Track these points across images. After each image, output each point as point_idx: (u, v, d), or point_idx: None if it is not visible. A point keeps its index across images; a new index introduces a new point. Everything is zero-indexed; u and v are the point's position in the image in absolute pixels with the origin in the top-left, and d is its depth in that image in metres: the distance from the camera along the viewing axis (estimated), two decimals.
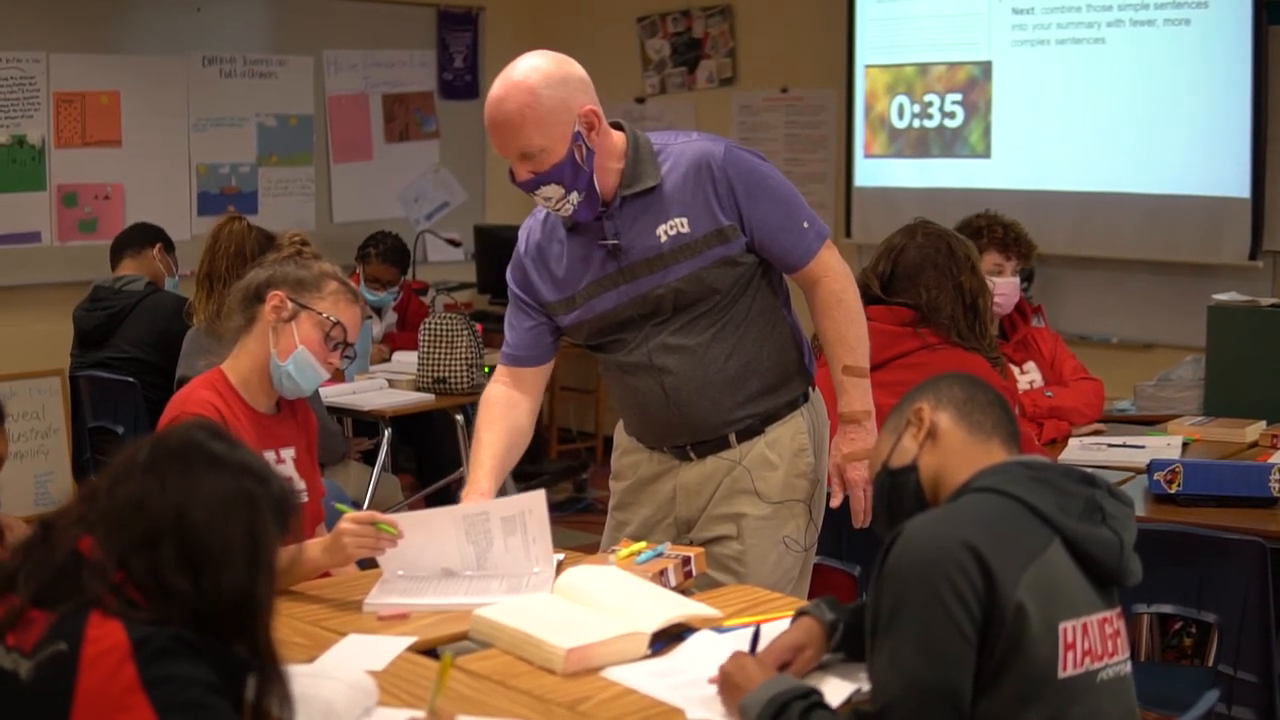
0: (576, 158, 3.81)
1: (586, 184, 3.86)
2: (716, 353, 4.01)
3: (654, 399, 4.07)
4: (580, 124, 3.81)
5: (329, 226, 9.99)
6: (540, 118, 3.76)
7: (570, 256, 4.06)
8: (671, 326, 4.01)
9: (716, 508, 4.12)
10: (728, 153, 3.96)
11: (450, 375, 7.15)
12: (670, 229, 3.94)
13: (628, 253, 3.97)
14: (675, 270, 3.95)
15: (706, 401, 4.04)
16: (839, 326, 4.04)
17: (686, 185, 3.94)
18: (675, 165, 3.96)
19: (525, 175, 3.85)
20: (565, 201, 3.88)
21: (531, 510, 3.76)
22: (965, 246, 4.82)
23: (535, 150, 3.79)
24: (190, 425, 2.60)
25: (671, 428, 4.11)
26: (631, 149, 3.96)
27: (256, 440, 4.05)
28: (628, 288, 3.99)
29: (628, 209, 3.96)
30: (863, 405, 4.02)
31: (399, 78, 10.49)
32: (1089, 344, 8.44)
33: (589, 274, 4.03)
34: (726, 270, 3.96)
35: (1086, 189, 8.41)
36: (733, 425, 4.08)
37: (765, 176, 4.00)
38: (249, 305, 4.12)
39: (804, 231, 4.00)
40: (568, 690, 3.03)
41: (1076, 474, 2.90)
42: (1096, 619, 2.76)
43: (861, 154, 9.35)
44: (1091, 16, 8.24)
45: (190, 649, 2.39)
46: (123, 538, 2.44)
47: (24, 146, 8.78)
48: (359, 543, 3.69)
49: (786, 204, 4.00)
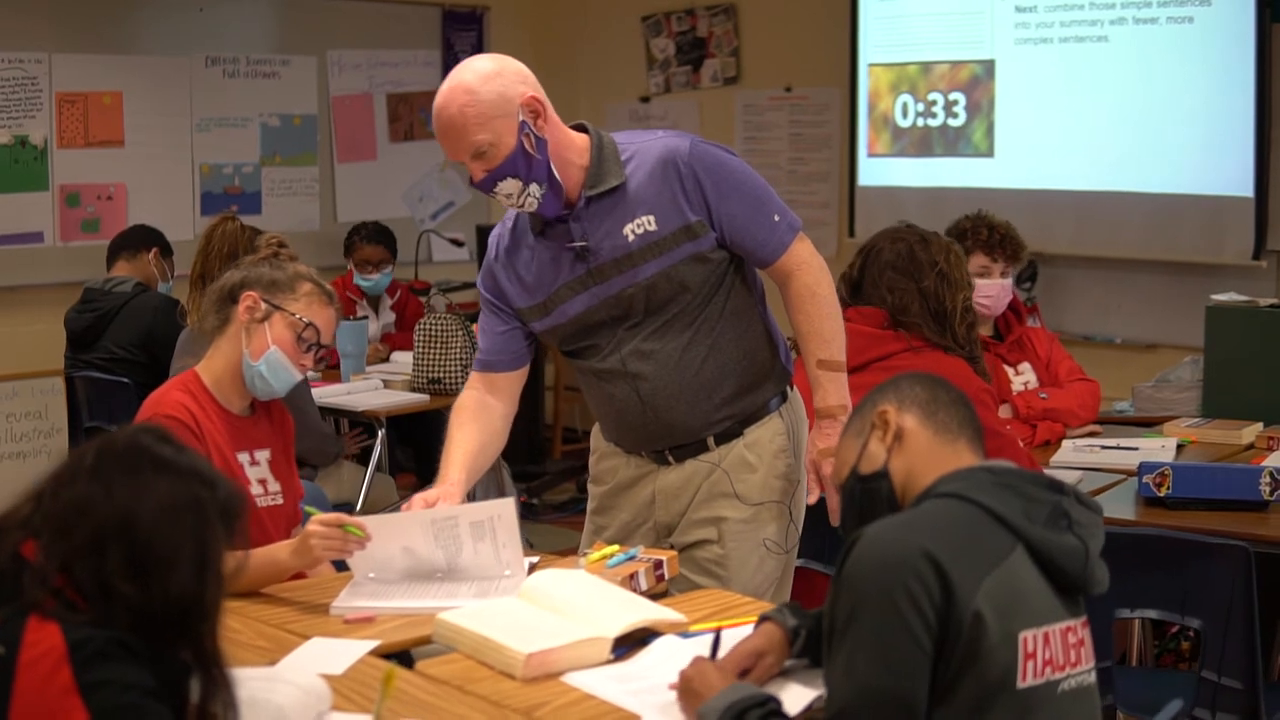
0: (526, 147, 3.80)
1: (545, 175, 3.85)
2: (691, 356, 3.98)
3: (630, 405, 4.04)
4: (524, 113, 3.80)
5: (333, 226, 9.95)
6: (481, 113, 3.76)
7: (539, 261, 4.03)
8: (644, 331, 3.98)
9: (696, 511, 4.09)
10: (693, 148, 3.94)
11: (445, 376, 7.12)
12: (638, 227, 3.91)
13: (596, 254, 3.94)
14: (645, 269, 3.92)
15: (683, 406, 4.01)
16: (813, 320, 3.99)
17: (653, 183, 3.92)
18: (641, 163, 3.95)
19: (480, 174, 3.84)
20: (526, 195, 3.85)
21: (500, 516, 3.74)
22: (934, 250, 4.76)
23: (484, 146, 3.79)
24: (137, 429, 2.58)
25: (649, 433, 4.08)
26: (595, 149, 3.95)
27: (230, 442, 4.04)
28: (598, 289, 3.96)
29: (594, 209, 3.93)
30: (839, 400, 3.97)
31: (403, 77, 10.45)
32: (1092, 344, 8.40)
33: (559, 278, 4.00)
34: (697, 267, 3.93)
35: (1089, 188, 8.35)
36: (711, 428, 4.05)
37: (733, 171, 3.97)
38: (223, 306, 4.11)
39: (775, 225, 3.97)
40: (526, 696, 3.00)
41: (1043, 480, 2.85)
42: (1059, 628, 2.72)
43: (865, 153, 9.30)
44: (1094, 15, 8.18)
45: (129, 652, 2.36)
46: (66, 542, 2.42)
47: (26, 147, 8.76)
48: (326, 545, 3.67)
49: (756, 197, 3.97)
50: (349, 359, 7.37)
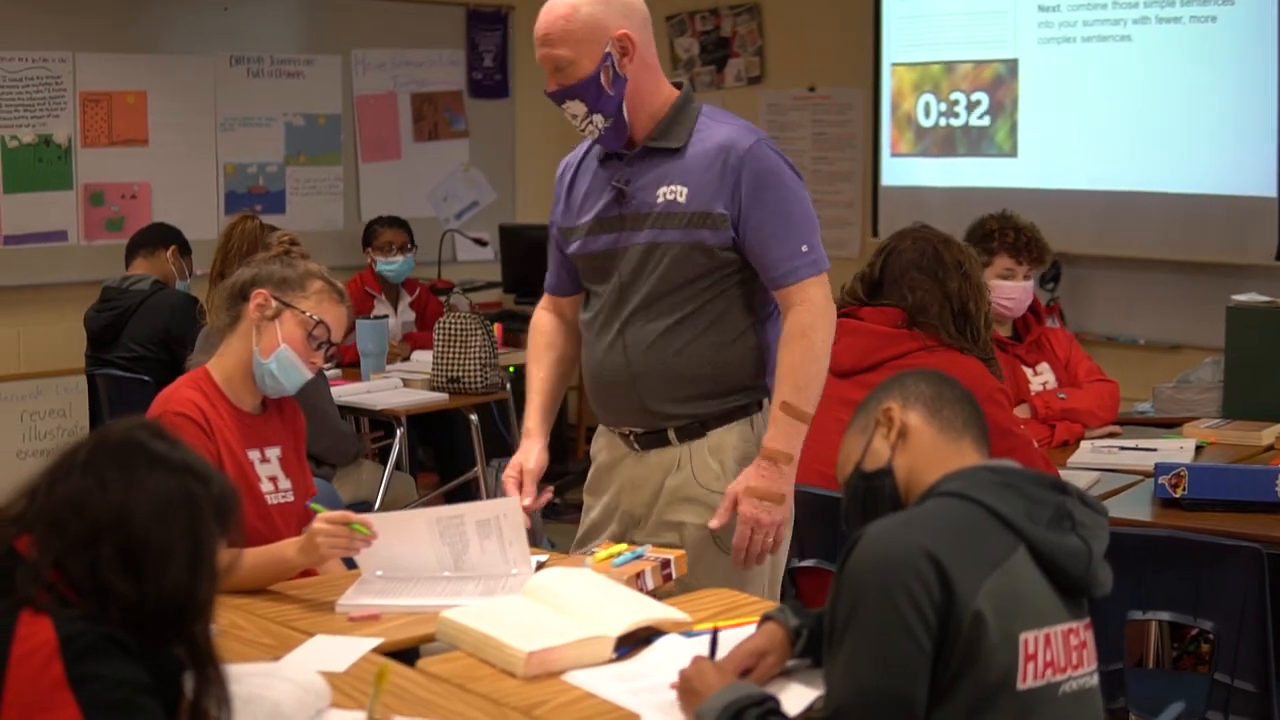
0: (602, 78, 3.91)
1: (614, 110, 3.95)
2: (670, 341, 3.99)
3: (610, 364, 4.09)
4: (613, 46, 3.91)
5: (357, 226, 9.92)
6: (570, 30, 3.89)
7: (590, 186, 4.15)
8: (638, 296, 4.02)
9: (662, 514, 4.08)
10: (755, 146, 3.96)
11: (464, 375, 7.12)
12: (669, 193, 3.98)
13: (628, 201, 4.02)
14: (657, 235, 3.98)
15: (649, 384, 4.03)
16: (793, 360, 3.92)
17: (703, 161, 3.96)
18: (704, 139, 3.99)
19: (553, 86, 3.97)
20: (589, 122, 3.98)
21: (506, 515, 3.76)
22: (957, 251, 4.74)
23: (563, 62, 3.92)
24: (131, 424, 2.57)
25: (618, 403, 4.11)
26: (675, 108, 4.04)
27: (241, 439, 4.04)
28: (620, 236, 4.04)
29: (646, 160, 4.03)
30: (786, 447, 3.90)
31: (428, 77, 10.45)
32: (1115, 345, 8.38)
33: (595, 209, 4.10)
34: (700, 257, 3.95)
35: (1113, 188, 8.31)
36: (670, 420, 4.05)
37: (781, 183, 3.96)
38: (234, 304, 4.10)
39: (797, 253, 3.93)
40: (526, 694, 2.99)
41: (1047, 480, 2.84)
42: (1061, 630, 2.70)
43: (888, 153, 9.28)
44: (1117, 14, 8.15)
45: (120, 648, 2.36)
46: (60, 537, 2.42)
47: (50, 146, 8.78)
48: (332, 543, 3.67)
49: (790, 218, 3.95)
50: (369, 358, 7.37)
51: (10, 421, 8.62)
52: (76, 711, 2.30)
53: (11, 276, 8.70)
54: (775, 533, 3.93)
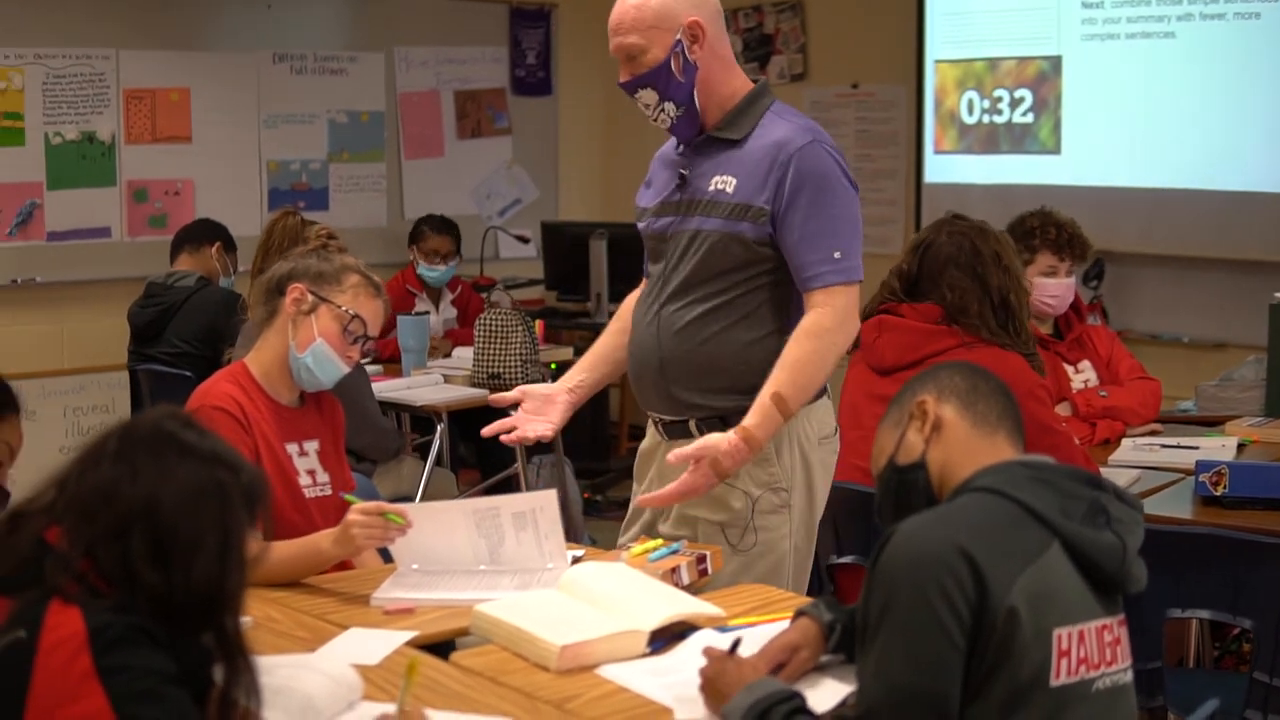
0: (674, 66, 3.95)
1: (685, 98, 3.99)
2: (696, 330, 4.02)
3: (646, 346, 4.12)
4: (684, 34, 3.94)
5: (400, 223, 9.97)
6: (642, 18, 3.95)
7: (666, 170, 4.20)
8: (676, 280, 4.05)
9: (682, 507, 4.08)
10: (808, 146, 3.95)
11: (505, 371, 7.12)
12: (720, 182, 4.01)
13: (686, 188, 4.07)
14: (702, 222, 4.01)
15: (672, 369, 4.06)
16: (799, 356, 3.88)
17: (757, 155, 3.98)
18: (763, 135, 4.00)
19: (625, 76, 4.02)
20: (661, 110, 4.01)
21: (543, 508, 3.75)
22: (994, 242, 4.71)
23: (635, 50, 3.97)
24: (160, 414, 2.57)
25: (647, 383, 4.15)
26: (745, 101, 4.06)
27: (278, 432, 4.05)
28: (676, 220, 4.09)
29: (708, 149, 4.06)
30: (762, 434, 3.84)
31: (471, 74, 10.45)
32: (1160, 343, 8.34)
33: (663, 192, 4.15)
34: (737, 249, 3.97)
35: (1157, 185, 8.28)
36: (692, 411, 4.06)
37: (827, 186, 3.95)
38: (270, 298, 4.12)
39: (829, 258, 3.91)
40: (559, 688, 3.00)
41: (1082, 475, 2.82)
42: (1095, 626, 2.69)
43: (931, 150, 9.26)
44: (1161, 10, 8.11)
45: (149, 638, 2.37)
46: (91, 527, 2.42)
47: (94, 142, 8.81)
48: (367, 533, 3.68)
49: (830, 222, 3.93)
50: (410, 354, 7.37)
51: (54, 416, 8.65)
52: (104, 701, 2.30)
53: (55, 272, 8.74)
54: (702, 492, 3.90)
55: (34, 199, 8.62)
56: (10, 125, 8.53)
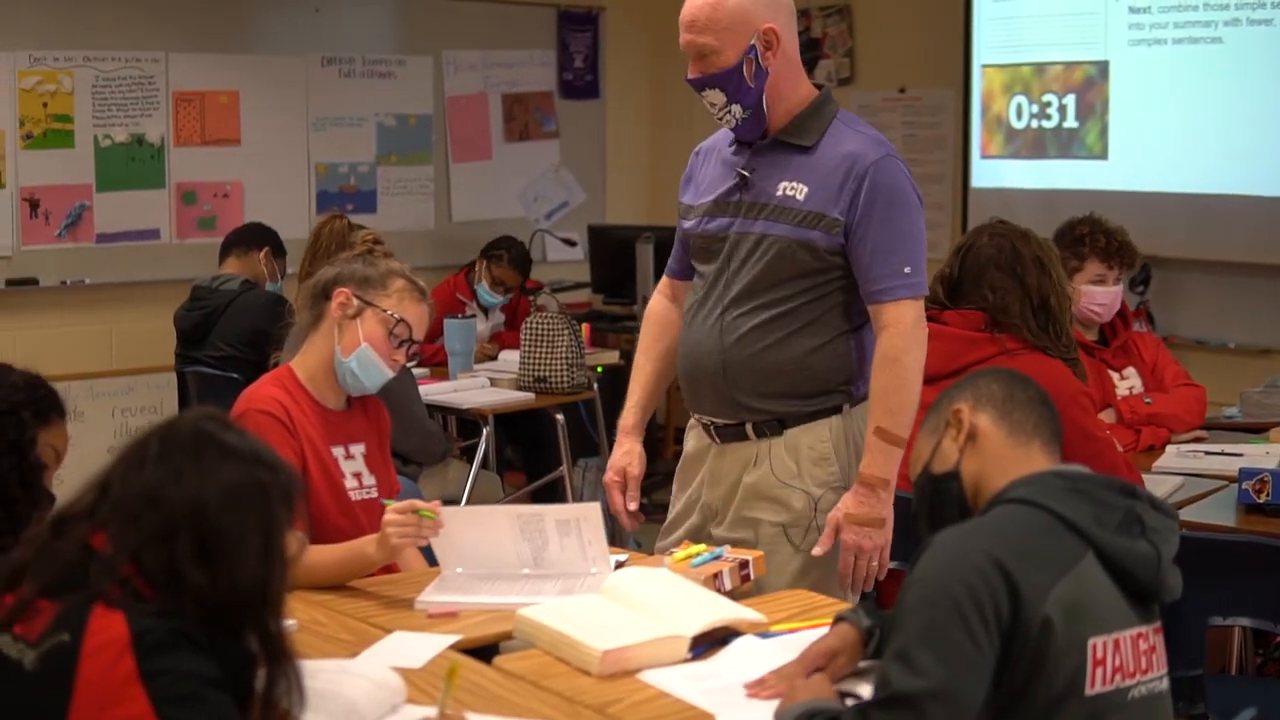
0: (745, 70, 3.93)
1: (753, 102, 3.98)
2: (761, 335, 4.03)
3: (706, 345, 4.10)
4: (758, 39, 3.93)
5: (448, 226, 10.02)
6: (717, 19, 3.92)
7: (717, 168, 4.19)
8: (738, 286, 4.05)
9: (740, 510, 4.10)
10: (882, 161, 3.97)
11: (550, 374, 7.15)
12: (789, 188, 4.00)
13: (749, 189, 4.05)
14: (769, 227, 4.00)
15: (735, 373, 4.06)
16: (885, 385, 3.94)
17: (829, 164, 3.98)
18: (834, 144, 4.01)
19: (694, 73, 3.99)
20: (728, 111, 4.00)
21: (586, 518, 3.78)
22: (1035, 246, 4.70)
23: (707, 50, 3.94)
24: (199, 415, 2.60)
25: (704, 386, 4.13)
26: (813, 106, 4.06)
27: (324, 436, 4.07)
28: (734, 221, 4.07)
29: (774, 152, 4.06)
30: (884, 473, 3.93)
31: (518, 77, 10.47)
32: (1206, 349, 8.31)
33: (718, 191, 4.13)
34: (805, 257, 3.97)
35: (1204, 190, 8.24)
36: (750, 414, 4.07)
37: (899, 202, 3.98)
38: (316, 302, 4.14)
39: (898, 273, 3.95)
40: (600, 692, 3.02)
41: (1116, 485, 2.82)
42: (1130, 634, 2.70)
43: (978, 155, 9.24)
44: (1208, 15, 8.08)
45: (192, 642, 2.39)
46: (136, 531, 2.45)
47: (143, 145, 8.86)
48: (401, 532, 3.70)
49: (900, 238, 3.96)
50: (457, 357, 7.40)
51: (102, 417, 8.69)
52: (147, 705, 2.32)
53: (104, 274, 8.79)
54: (879, 556, 3.97)
55: (83, 201, 8.67)
56: (60, 128, 8.58)
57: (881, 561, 3.98)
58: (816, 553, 3.97)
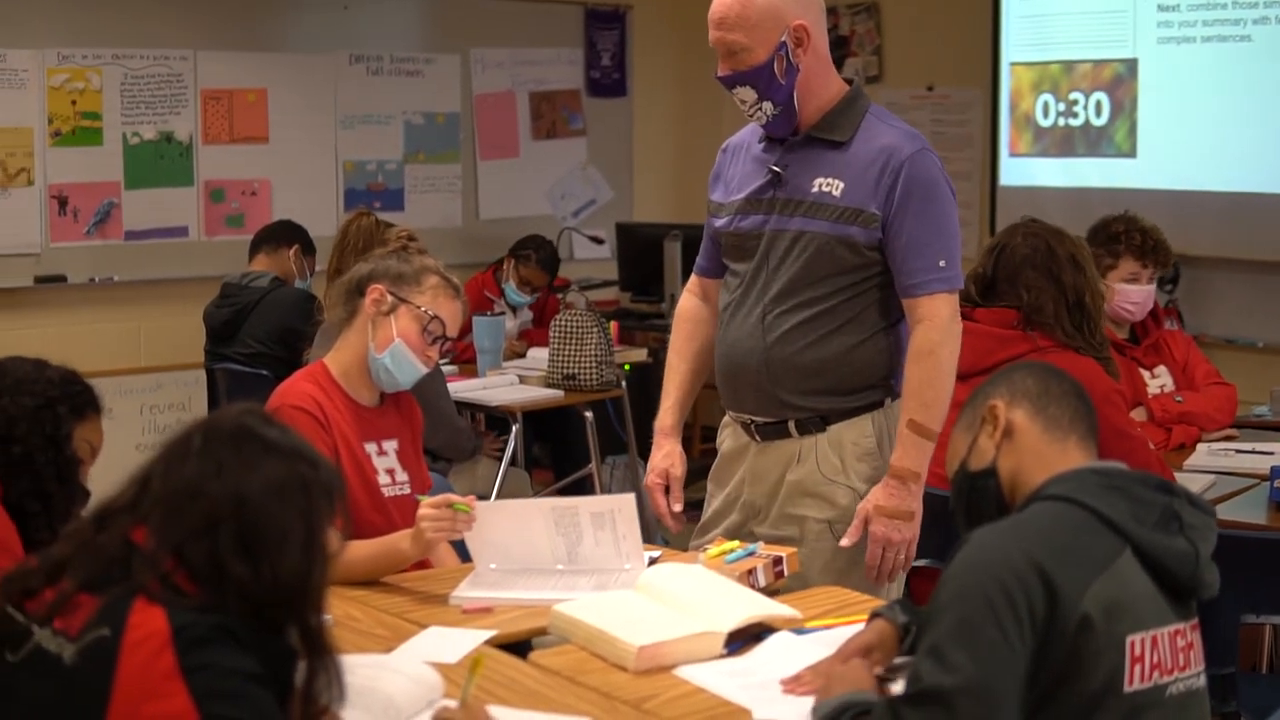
0: (776, 67, 3.92)
1: (784, 99, 3.97)
2: (802, 333, 4.03)
3: (747, 344, 4.11)
4: (789, 35, 3.92)
5: (475, 223, 10.03)
6: (747, 16, 3.91)
7: (747, 165, 4.18)
8: (777, 284, 4.05)
9: (784, 507, 4.10)
10: (917, 155, 3.97)
11: (580, 372, 7.16)
12: (825, 184, 4.00)
13: (783, 187, 4.05)
14: (806, 224, 4.00)
15: (777, 372, 4.06)
16: (919, 378, 3.95)
17: (864, 159, 3.98)
18: (868, 139, 4.00)
19: (725, 71, 3.98)
20: (759, 108, 3.99)
21: (620, 510, 3.77)
22: (1070, 245, 4.70)
23: (737, 48, 3.94)
24: (241, 410, 2.61)
25: (745, 385, 4.13)
26: (844, 102, 4.06)
27: (357, 432, 4.08)
28: (768, 219, 4.07)
29: (807, 149, 4.05)
30: (915, 466, 3.94)
31: (546, 76, 10.47)
32: (1235, 348, 8.29)
33: (749, 188, 4.13)
34: (844, 253, 3.98)
35: (1233, 189, 8.21)
36: (793, 412, 4.08)
37: (935, 196, 3.99)
38: (350, 299, 4.15)
39: (934, 266, 3.95)
40: (636, 688, 3.02)
41: (1154, 481, 2.81)
42: (1168, 631, 2.69)
43: (1006, 153, 9.22)
44: (1237, 14, 8.06)
45: (233, 638, 2.39)
46: (179, 524, 2.45)
47: (172, 143, 8.88)
48: (436, 526, 3.71)
49: (936, 231, 3.97)
50: (485, 354, 7.41)
51: (130, 415, 8.71)
52: (188, 700, 2.33)
53: (133, 271, 8.81)
54: (906, 550, 3.98)
55: (112, 198, 8.70)
56: (89, 125, 8.61)
57: (908, 554, 3.99)
58: (845, 543, 3.98)
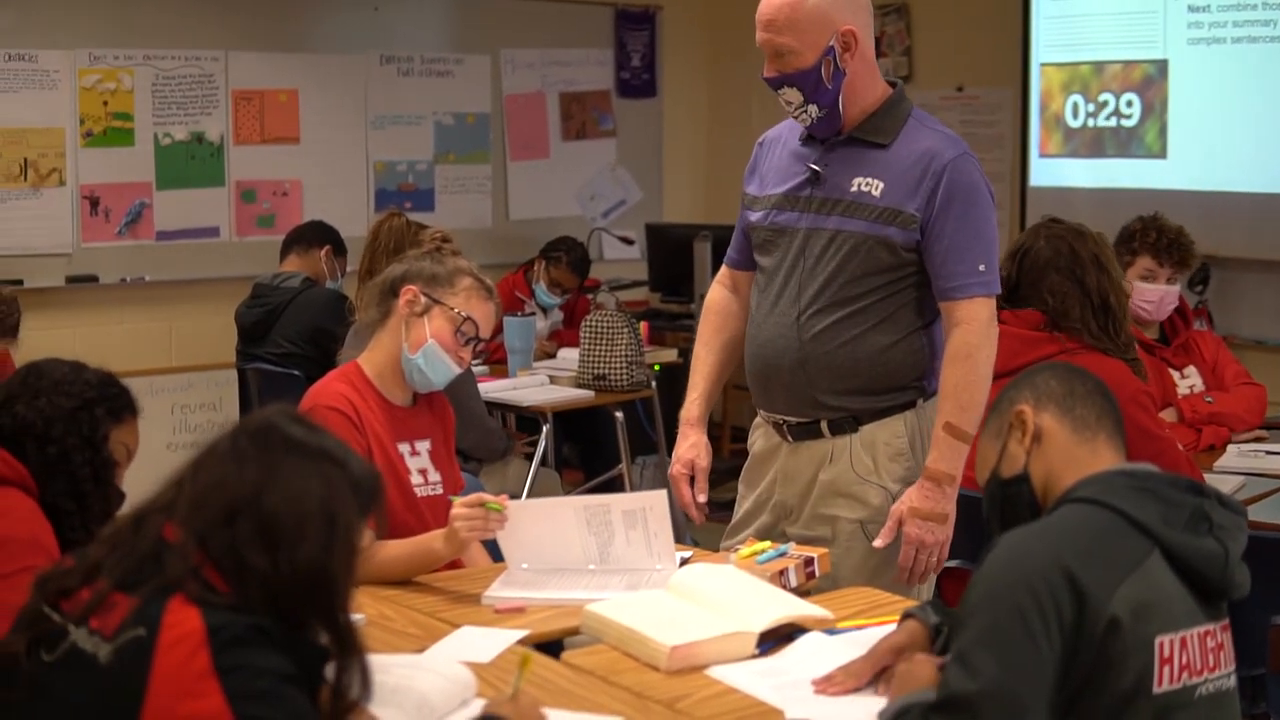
0: (823, 71, 3.92)
1: (830, 102, 3.96)
2: (837, 332, 4.04)
3: (781, 343, 4.11)
4: (837, 40, 3.91)
5: (505, 224, 10.06)
6: (796, 20, 3.90)
7: (784, 160, 4.19)
8: (814, 284, 4.05)
9: (816, 507, 4.11)
10: (958, 159, 3.99)
11: (610, 372, 7.17)
12: (865, 184, 4.00)
13: (821, 185, 4.05)
14: (843, 223, 4.01)
15: (811, 371, 4.07)
16: (956, 381, 3.96)
17: (905, 162, 3.99)
18: (910, 142, 4.01)
19: (771, 72, 3.99)
20: (804, 111, 3.99)
21: (652, 507, 3.78)
22: (1093, 245, 4.69)
23: (785, 50, 3.94)
24: (271, 411, 2.65)
25: (778, 384, 4.14)
26: (888, 104, 4.06)
27: (390, 432, 4.10)
28: (804, 216, 4.08)
29: (848, 149, 4.05)
30: (950, 469, 3.95)
31: (576, 76, 10.50)
32: (1265, 348, 8.26)
33: (786, 184, 4.14)
34: (882, 253, 3.99)
35: (1264, 190, 8.19)
36: (826, 412, 4.09)
37: (975, 200, 4.00)
38: (384, 299, 4.17)
39: (973, 270, 3.97)
40: (669, 688, 3.03)
41: (1184, 483, 2.81)
42: (1197, 632, 2.69)
43: (1036, 153, 9.21)
44: (1268, 15, 8.03)
45: (267, 638, 2.42)
46: (202, 516, 2.49)
47: (203, 143, 8.93)
48: (469, 525, 3.72)
49: (975, 235, 3.98)
50: (516, 355, 7.43)
51: (161, 414, 8.75)
52: (222, 700, 2.35)
53: (164, 271, 8.86)
54: (939, 552, 3.98)
55: (143, 199, 8.75)
56: (120, 126, 8.66)
57: (941, 556, 3.99)
58: (878, 544, 3.98)
